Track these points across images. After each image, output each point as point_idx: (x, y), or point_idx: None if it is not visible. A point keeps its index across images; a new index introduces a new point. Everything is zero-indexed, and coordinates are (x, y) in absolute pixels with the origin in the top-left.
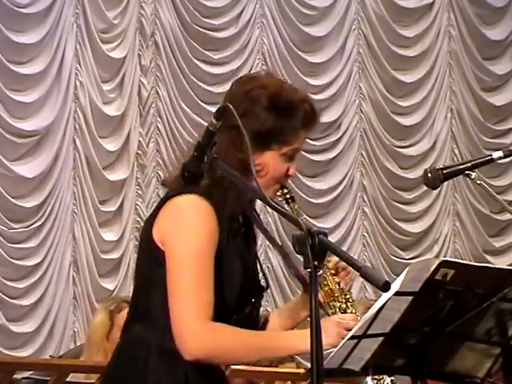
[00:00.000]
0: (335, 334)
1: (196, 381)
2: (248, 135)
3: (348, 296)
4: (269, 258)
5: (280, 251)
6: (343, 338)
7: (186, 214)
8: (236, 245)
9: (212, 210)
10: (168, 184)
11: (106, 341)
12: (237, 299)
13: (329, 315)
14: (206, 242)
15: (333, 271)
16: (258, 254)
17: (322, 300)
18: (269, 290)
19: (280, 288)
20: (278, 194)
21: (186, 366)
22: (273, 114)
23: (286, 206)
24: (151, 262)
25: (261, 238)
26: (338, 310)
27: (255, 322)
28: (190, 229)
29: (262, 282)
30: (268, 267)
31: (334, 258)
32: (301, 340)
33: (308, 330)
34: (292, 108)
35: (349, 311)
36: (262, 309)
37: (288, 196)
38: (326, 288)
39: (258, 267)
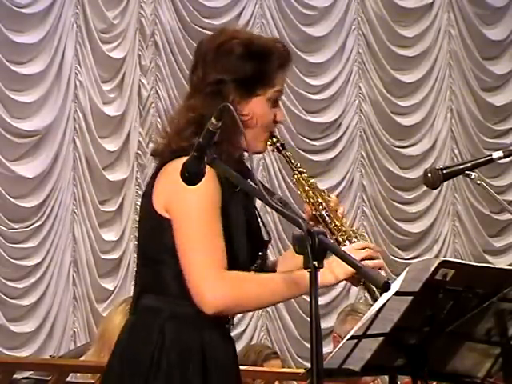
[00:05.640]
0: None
1: (211, 346)
2: (231, 86)
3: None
4: None
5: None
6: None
7: None
8: (239, 200)
9: (210, 168)
10: (158, 153)
11: None
12: (247, 254)
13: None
14: (209, 197)
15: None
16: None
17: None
18: None
19: None
20: (269, 143)
21: (201, 330)
22: (249, 59)
23: (276, 154)
24: (157, 233)
25: None
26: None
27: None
28: (197, 188)
29: (265, 236)
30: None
31: (335, 198)
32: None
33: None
34: (266, 50)
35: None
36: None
37: (278, 144)
38: (333, 225)
39: (259, 221)
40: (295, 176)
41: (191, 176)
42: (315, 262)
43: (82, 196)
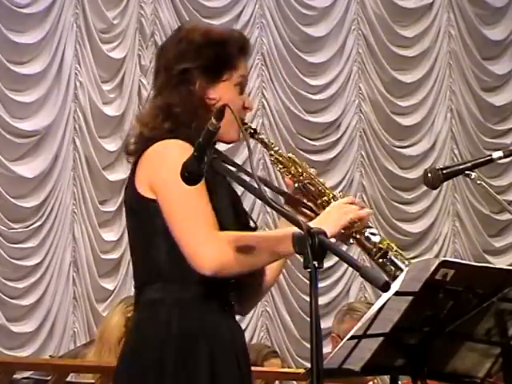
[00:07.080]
0: (339, 214)
1: (213, 327)
2: (196, 72)
3: (334, 193)
4: None
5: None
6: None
7: (167, 152)
8: (222, 183)
9: (190, 145)
10: (133, 152)
11: (118, 345)
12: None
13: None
14: None
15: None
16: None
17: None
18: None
19: (280, 289)
20: None
21: (202, 313)
22: (210, 46)
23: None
24: (147, 218)
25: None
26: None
27: None
28: (175, 161)
29: (251, 224)
30: None
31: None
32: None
33: (318, 217)
34: (225, 36)
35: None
36: (261, 309)
37: (251, 130)
38: (314, 188)
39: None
40: (272, 156)
41: (191, 176)
42: (315, 262)
43: (81, 196)
